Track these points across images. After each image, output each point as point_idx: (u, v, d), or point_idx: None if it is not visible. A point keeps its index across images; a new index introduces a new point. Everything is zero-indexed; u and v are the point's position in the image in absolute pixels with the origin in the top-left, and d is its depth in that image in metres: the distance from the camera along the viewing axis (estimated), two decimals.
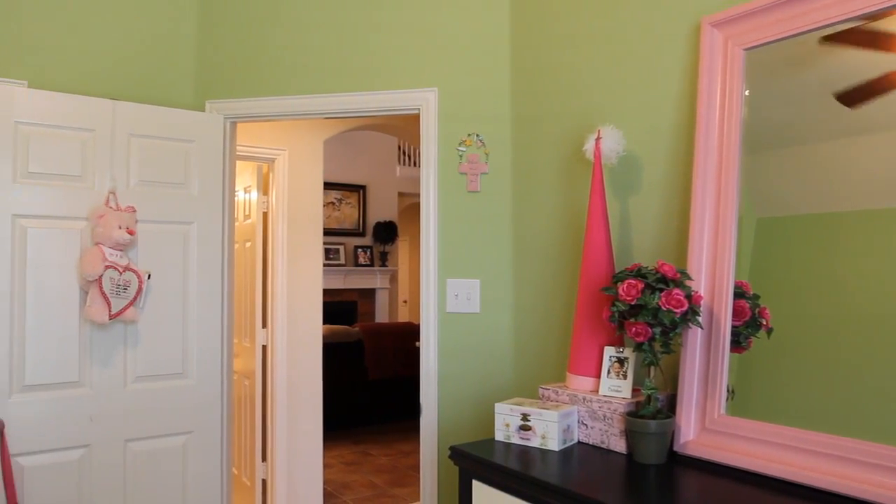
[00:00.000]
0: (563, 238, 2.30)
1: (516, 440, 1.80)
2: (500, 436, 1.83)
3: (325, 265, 9.04)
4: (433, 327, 2.53)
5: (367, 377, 6.44)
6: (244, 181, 4.19)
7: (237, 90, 2.81)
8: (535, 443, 1.77)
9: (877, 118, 1.46)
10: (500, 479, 1.63)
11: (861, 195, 1.47)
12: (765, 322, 1.61)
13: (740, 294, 1.66)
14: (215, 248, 2.71)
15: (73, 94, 2.48)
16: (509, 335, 2.48)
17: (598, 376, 1.86)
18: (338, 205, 9.65)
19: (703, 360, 1.68)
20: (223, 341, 2.73)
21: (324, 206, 8.98)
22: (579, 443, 1.81)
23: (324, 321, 8.29)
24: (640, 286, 1.61)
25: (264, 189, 4.08)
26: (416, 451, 5.72)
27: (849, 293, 1.46)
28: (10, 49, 2.48)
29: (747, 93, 1.72)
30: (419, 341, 2.59)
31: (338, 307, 9.51)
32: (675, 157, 1.94)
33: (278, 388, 3.92)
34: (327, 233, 9.35)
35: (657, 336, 1.61)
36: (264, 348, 4.00)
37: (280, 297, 3.96)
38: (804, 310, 1.53)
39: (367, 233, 9.94)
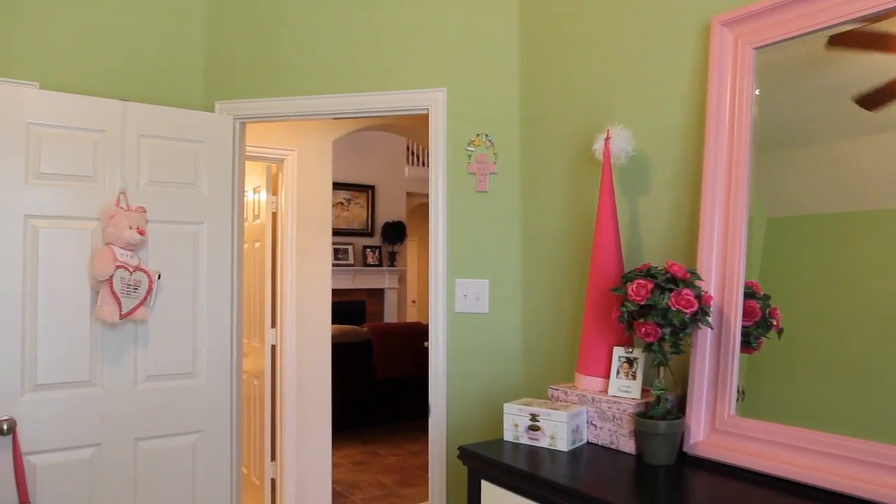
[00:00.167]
0: (572, 238, 2.30)
1: (525, 440, 1.80)
2: (508, 436, 1.83)
3: (333, 265, 9.06)
4: (442, 327, 2.54)
5: (376, 377, 6.45)
6: (253, 181, 4.20)
7: (246, 91, 2.82)
8: (543, 443, 1.76)
9: (890, 117, 1.44)
10: (509, 479, 1.63)
11: (872, 195, 1.46)
12: (775, 322, 1.60)
13: (751, 294, 1.65)
14: (225, 248, 2.72)
15: (83, 95, 2.49)
16: (518, 335, 2.48)
17: (607, 377, 1.85)
18: (346, 205, 9.67)
19: (713, 361, 1.68)
20: (232, 341, 2.74)
21: (333, 206, 8.98)
22: (588, 443, 1.80)
23: (332, 321, 8.30)
24: (650, 286, 1.61)
25: (273, 189, 4.09)
26: (425, 451, 5.73)
27: (860, 293, 1.45)
28: (22, 51, 2.50)
29: (757, 92, 1.71)
30: (428, 341, 2.60)
31: (346, 307, 9.53)
32: (684, 156, 1.93)
33: (287, 387, 3.94)
34: (336, 233, 9.38)
35: (667, 336, 1.61)
36: (273, 348, 4.01)
37: (289, 296, 3.97)
38: (815, 310, 1.53)
39: (376, 233, 9.96)
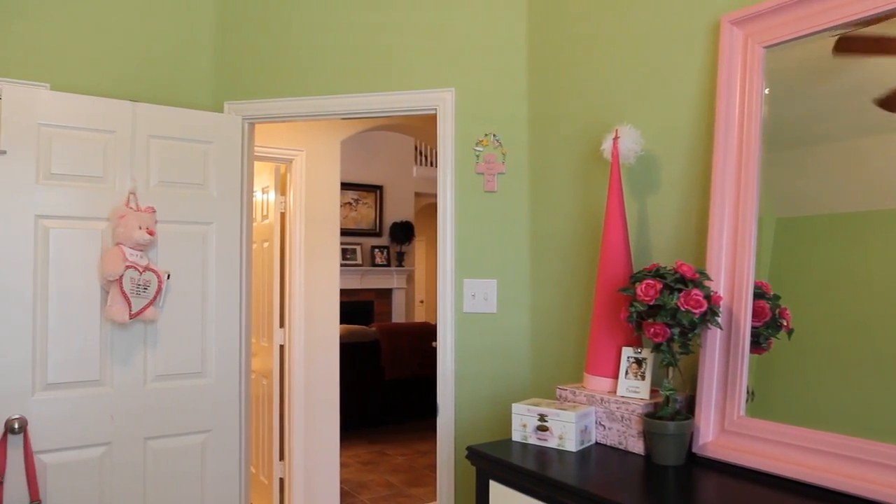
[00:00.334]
0: (581, 238, 2.29)
1: (533, 441, 1.79)
2: (517, 436, 1.83)
3: (342, 265, 9.07)
4: (450, 327, 2.54)
5: (384, 377, 6.46)
6: (262, 182, 4.22)
7: (255, 91, 2.83)
8: (552, 443, 1.76)
9: None
10: (517, 479, 1.63)
11: (883, 195, 1.44)
12: (785, 323, 1.59)
13: (760, 294, 1.64)
14: (233, 248, 2.73)
15: (94, 96, 2.51)
16: (526, 335, 2.48)
17: (615, 377, 1.85)
18: (355, 205, 9.69)
19: (723, 362, 1.67)
20: (241, 341, 2.75)
21: (341, 206, 9.02)
22: (597, 444, 1.80)
23: (341, 321, 8.33)
24: (659, 286, 1.60)
25: (282, 189, 4.10)
26: (433, 451, 5.73)
27: (870, 294, 1.44)
28: (33, 53, 2.52)
29: (767, 91, 1.70)
30: (436, 341, 2.60)
31: (354, 307, 9.55)
32: (693, 156, 1.92)
33: (296, 387, 3.95)
34: (344, 233, 9.39)
35: (676, 337, 1.60)
36: (282, 348, 4.02)
37: (297, 296, 3.98)
38: (825, 311, 1.52)
39: (384, 233, 9.97)
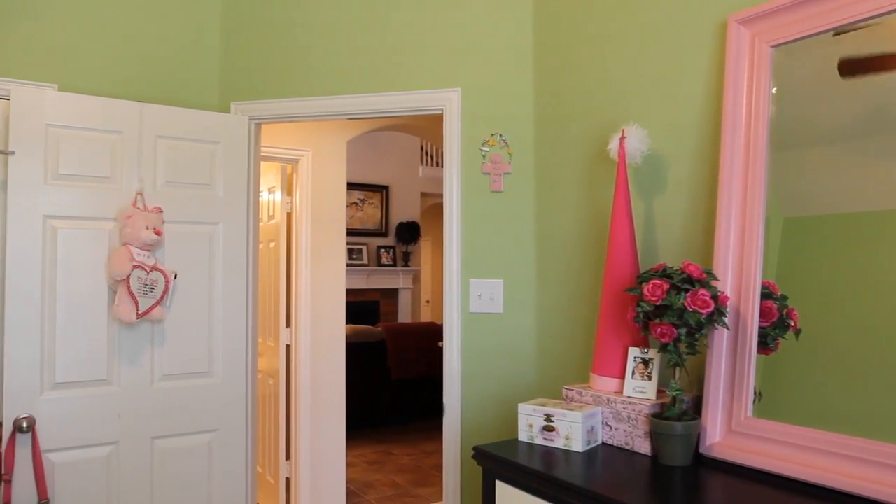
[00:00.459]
0: (587, 238, 2.29)
1: (540, 441, 1.79)
2: (523, 436, 1.83)
3: (348, 265, 9.08)
4: (456, 327, 2.54)
5: (390, 377, 6.47)
6: (268, 182, 4.23)
7: (261, 91, 2.83)
8: (558, 444, 1.76)
9: None
10: (524, 479, 1.63)
11: (892, 195, 1.44)
12: (793, 323, 1.58)
13: (767, 295, 1.64)
14: (240, 248, 2.73)
15: (101, 96, 2.52)
16: (532, 335, 2.47)
17: (622, 377, 1.84)
18: (361, 205, 9.70)
19: (730, 362, 1.66)
20: (248, 340, 2.75)
21: (347, 206, 9.02)
22: (603, 444, 1.80)
23: (347, 321, 8.34)
24: (666, 286, 1.60)
25: (288, 189, 4.11)
26: (439, 451, 5.73)
27: (879, 294, 1.43)
28: (41, 54, 2.53)
29: (775, 90, 1.69)
30: (442, 341, 2.60)
31: (361, 307, 9.56)
32: (700, 156, 1.92)
33: (302, 387, 3.95)
34: (350, 233, 9.40)
35: (683, 337, 1.60)
36: (288, 348, 4.03)
37: (304, 296, 3.99)
38: (833, 311, 1.51)
39: (390, 233, 9.98)
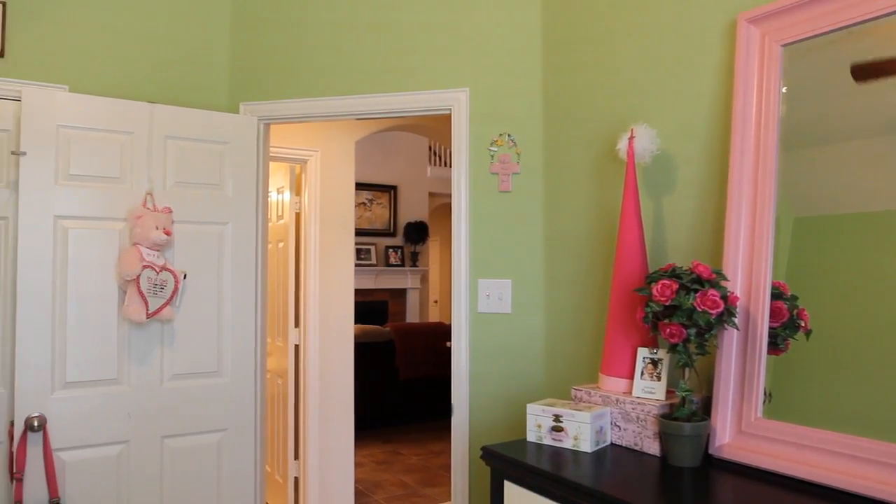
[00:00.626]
0: (596, 238, 2.28)
1: (548, 441, 1.79)
2: (531, 437, 1.82)
3: (356, 265, 9.09)
4: (465, 327, 2.53)
5: (398, 377, 6.47)
6: (277, 182, 4.24)
7: (270, 92, 2.84)
8: (567, 444, 1.75)
9: None
10: (532, 480, 1.63)
11: None
12: (803, 324, 1.58)
13: (778, 295, 1.63)
14: (249, 248, 2.74)
15: (111, 97, 2.53)
16: (541, 335, 2.47)
17: (631, 378, 1.84)
18: (369, 205, 9.71)
19: (740, 362, 1.66)
20: (257, 340, 2.76)
21: (355, 206, 9.04)
22: (612, 445, 1.79)
23: (355, 321, 8.36)
24: (675, 287, 1.59)
25: (297, 190, 4.12)
26: (447, 451, 5.73)
27: (890, 294, 1.42)
28: (52, 55, 2.55)
29: (785, 89, 1.69)
30: (450, 341, 2.59)
31: (369, 307, 9.57)
32: (710, 155, 1.91)
33: (311, 386, 3.96)
34: (359, 233, 9.42)
35: (692, 337, 1.59)
36: (297, 347, 4.04)
37: (312, 296, 3.99)
38: (844, 311, 1.50)
39: (398, 233, 9.98)
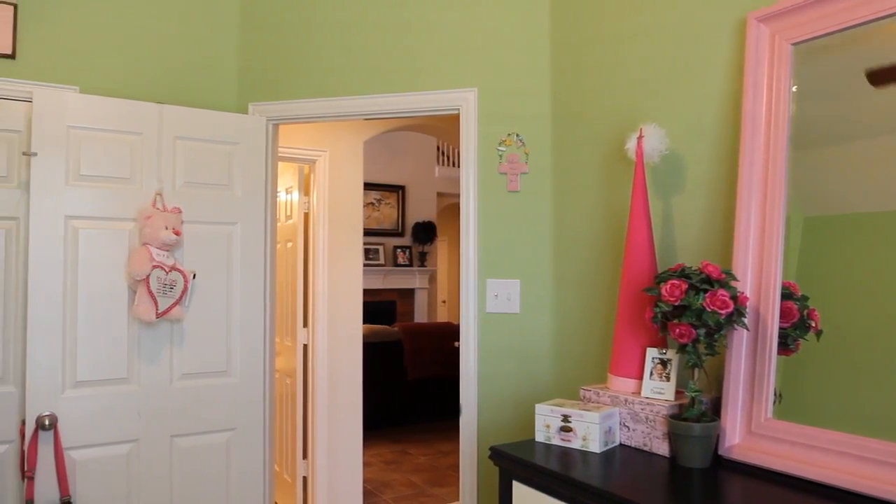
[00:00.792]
0: (605, 238, 2.28)
1: (557, 441, 1.78)
2: (540, 437, 1.82)
3: (364, 265, 9.11)
4: (473, 327, 2.53)
5: (407, 377, 6.48)
6: (286, 182, 4.25)
7: (279, 92, 2.85)
8: (575, 444, 1.75)
9: None
10: (541, 480, 1.63)
11: None
12: (814, 324, 1.57)
13: (788, 295, 1.62)
14: (258, 248, 2.75)
15: (121, 98, 2.55)
16: (549, 335, 2.47)
17: (640, 378, 1.83)
18: (377, 205, 9.73)
19: (749, 363, 1.65)
20: (265, 340, 2.77)
21: (363, 206, 9.06)
22: (621, 445, 1.78)
23: (363, 321, 8.37)
24: (684, 287, 1.58)
25: (305, 190, 4.13)
26: (455, 451, 5.73)
27: None
28: (62, 56, 2.56)
29: (795, 88, 1.68)
30: (458, 341, 2.59)
31: (377, 307, 9.58)
32: (719, 155, 1.90)
33: (319, 386, 3.97)
34: (367, 233, 9.43)
35: (701, 337, 1.59)
36: (305, 347, 4.05)
37: (321, 296, 4.00)
38: (855, 312, 1.49)
39: (407, 233, 10.00)
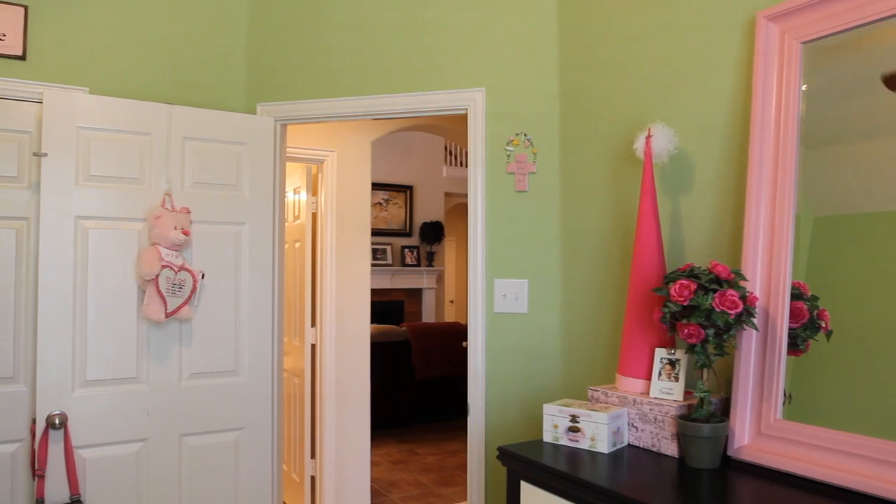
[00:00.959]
0: (613, 238, 2.27)
1: (565, 442, 1.78)
2: (548, 437, 1.82)
3: (372, 265, 9.12)
4: (481, 327, 2.53)
5: (414, 377, 6.48)
6: (294, 182, 4.26)
7: (287, 93, 2.86)
8: (584, 445, 1.75)
9: None
10: (549, 480, 1.62)
11: None
12: (824, 324, 1.56)
13: (798, 295, 1.61)
14: (266, 248, 2.76)
15: (131, 99, 2.56)
16: (557, 336, 2.46)
17: (648, 378, 1.83)
18: (385, 205, 9.74)
19: (759, 363, 1.64)
20: (274, 340, 2.78)
21: (371, 206, 9.08)
22: (629, 446, 1.78)
23: (371, 321, 8.39)
24: (693, 287, 1.58)
25: (313, 190, 4.14)
26: (463, 451, 5.73)
27: None
28: (72, 58, 2.58)
29: (805, 87, 1.67)
30: (466, 341, 2.59)
31: (385, 307, 9.60)
32: (728, 154, 1.89)
33: (327, 386, 3.98)
34: (375, 233, 9.45)
35: (710, 338, 1.58)
36: (313, 347, 4.06)
37: (329, 296, 4.01)
38: (866, 312, 1.48)
39: (414, 233, 10.00)
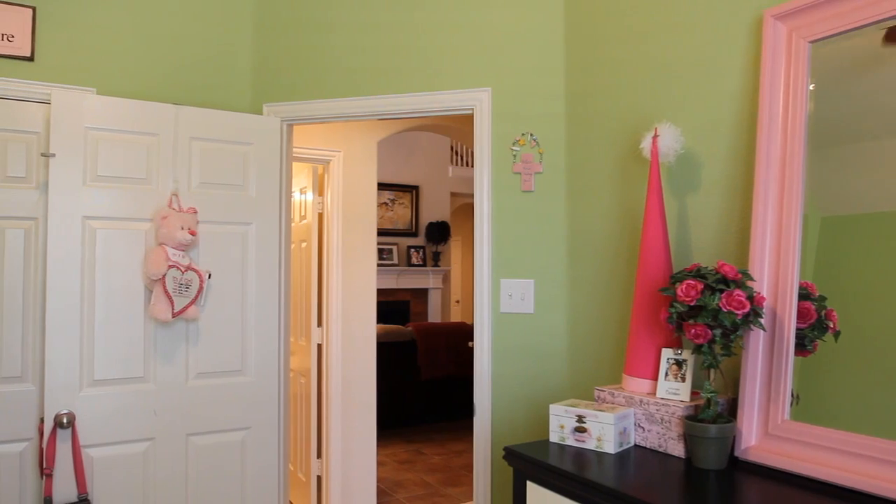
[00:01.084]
0: (619, 238, 2.27)
1: (571, 442, 1.78)
2: (554, 437, 1.82)
3: (378, 265, 9.14)
4: (487, 327, 2.53)
5: (420, 377, 6.48)
6: (300, 182, 4.27)
7: (293, 93, 2.86)
8: (590, 445, 1.74)
9: None
10: (555, 480, 1.62)
11: None
12: (831, 325, 1.55)
13: (805, 295, 1.60)
14: (272, 248, 2.76)
15: (138, 99, 2.57)
16: (564, 336, 2.46)
17: (655, 378, 1.82)
18: (391, 205, 9.74)
19: (766, 364, 1.63)
20: (280, 339, 2.78)
21: (377, 206, 9.08)
22: (636, 446, 1.78)
23: (377, 321, 8.39)
24: (700, 287, 1.57)
25: (319, 190, 4.15)
26: (469, 451, 5.73)
27: None
28: (80, 58, 2.59)
29: (812, 87, 1.66)
30: (472, 341, 2.59)
31: (391, 307, 9.60)
32: (735, 154, 1.89)
33: (333, 386, 3.99)
34: (381, 233, 9.46)
35: (717, 338, 1.57)
36: (319, 347, 4.06)
37: (335, 296, 4.02)
38: (874, 312, 1.47)
39: (420, 233, 10.00)
